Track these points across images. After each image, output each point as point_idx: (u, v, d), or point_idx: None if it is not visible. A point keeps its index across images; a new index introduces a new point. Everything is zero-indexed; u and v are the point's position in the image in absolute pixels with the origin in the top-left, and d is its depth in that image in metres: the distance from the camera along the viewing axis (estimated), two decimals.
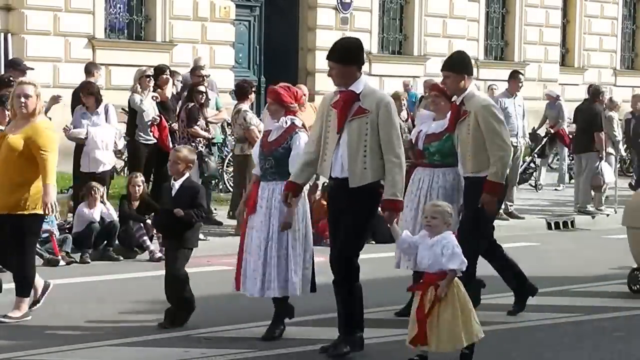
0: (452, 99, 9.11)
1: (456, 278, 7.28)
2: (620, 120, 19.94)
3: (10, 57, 17.52)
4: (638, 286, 10.55)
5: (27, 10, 19.83)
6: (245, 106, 14.01)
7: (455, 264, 7.18)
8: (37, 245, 11.94)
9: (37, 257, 11.97)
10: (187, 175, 8.93)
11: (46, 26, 20.03)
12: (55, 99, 13.33)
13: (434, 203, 7.71)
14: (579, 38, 30.17)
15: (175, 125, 14.15)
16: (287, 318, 8.65)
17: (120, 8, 21.42)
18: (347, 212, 7.78)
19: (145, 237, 12.69)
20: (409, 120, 16.26)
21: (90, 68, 14.72)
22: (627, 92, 27.09)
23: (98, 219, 12.45)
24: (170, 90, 14.99)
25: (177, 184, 8.89)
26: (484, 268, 9.31)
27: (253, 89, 14.52)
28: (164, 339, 8.32)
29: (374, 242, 14.24)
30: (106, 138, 13.07)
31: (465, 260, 7.26)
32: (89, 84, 13.50)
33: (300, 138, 8.48)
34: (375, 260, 12.34)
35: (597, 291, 10.51)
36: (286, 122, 8.57)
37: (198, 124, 13.86)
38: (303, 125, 8.72)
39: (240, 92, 14.33)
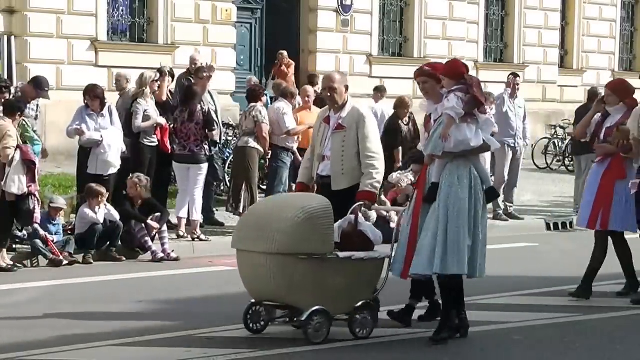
0: None
1: None
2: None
3: (14, 59, 17.62)
4: (259, 325, 8.53)
5: (30, 12, 19.89)
6: (259, 105, 14.51)
7: None
8: (41, 245, 12.08)
9: (41, 257, 12.12)
10: None
11: (49, 28, 20.09)
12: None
13: None
14: (577, 40, 30.21)
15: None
16: None
17: (122, 11, 21.49)
18: None
19: (147, 238, 12.77)
20: (410, 124, 16.31)
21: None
22: None
23: (102, 220, 12.52)
24: (166, 91, 14.93)
25: None
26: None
27: (265, 92, 14.96)
28: (166, 339, 8.36)
29: None
30: (117, 141, 13.15)
31: None
32: (95, 87, 13.50)
33: None
34: None
35: (596, 291, 10.46)
36: None
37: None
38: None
39: (252, 94, 14.78)
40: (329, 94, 9.03)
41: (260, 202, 11.79)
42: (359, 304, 8.38)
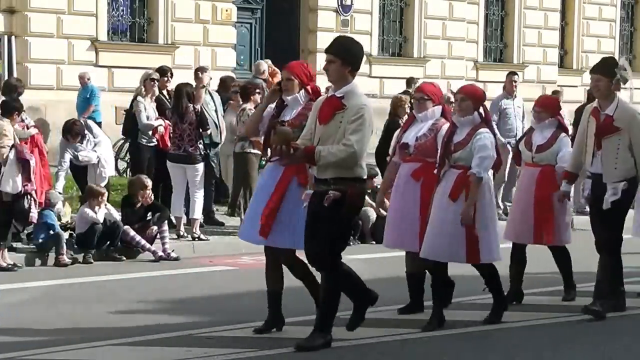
0: None
1: None
2: None
3: (14, 59, 17.68)
4: None
5: (31, 12, 19.93)
6: (249, 106, 14.10)
7: None
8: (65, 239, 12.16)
9: (49, 255, 12.14)
10: None
11: (49, 29, 20.13)
12: None
13: None
14: (577, 40, 30.26)
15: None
16: None
17: (122, 11, 21.53)
18: None
19: (139, 239, 12.67)
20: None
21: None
22: (624, 94, 27.17)
23: (102, 220, 12.54)
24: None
25: None
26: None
27: (257, 91, 14.48)
28: (167, 338, 8.37)
29: (374, 242, 14.34)
30: (109, 155, 13.39)
31: None
32: (73, 124, 13.73)
33: None
34: (375, 260, 12.44)
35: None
36: None
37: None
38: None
39: (244, 93, 14.45)
40: None
41: None
42: None
